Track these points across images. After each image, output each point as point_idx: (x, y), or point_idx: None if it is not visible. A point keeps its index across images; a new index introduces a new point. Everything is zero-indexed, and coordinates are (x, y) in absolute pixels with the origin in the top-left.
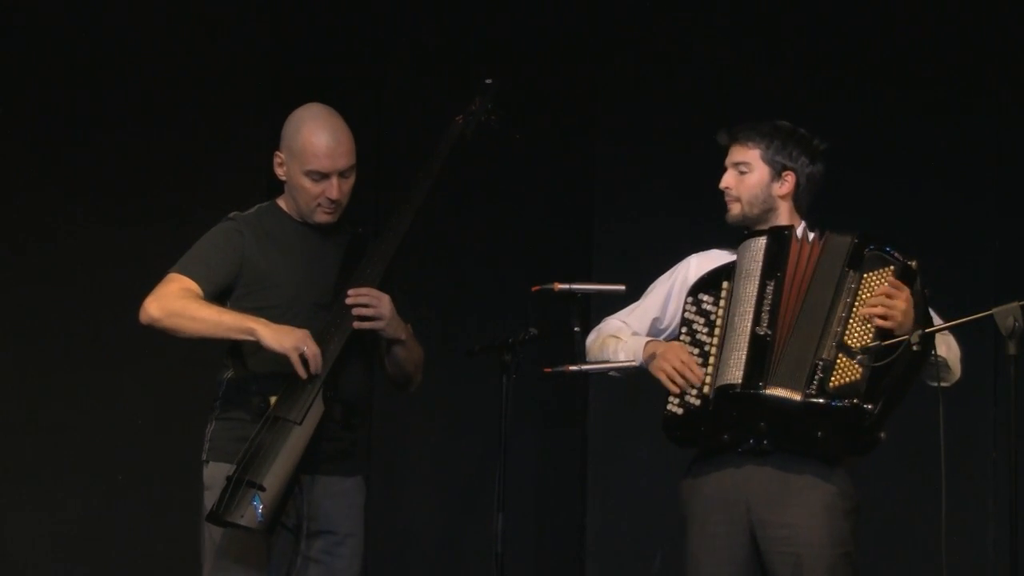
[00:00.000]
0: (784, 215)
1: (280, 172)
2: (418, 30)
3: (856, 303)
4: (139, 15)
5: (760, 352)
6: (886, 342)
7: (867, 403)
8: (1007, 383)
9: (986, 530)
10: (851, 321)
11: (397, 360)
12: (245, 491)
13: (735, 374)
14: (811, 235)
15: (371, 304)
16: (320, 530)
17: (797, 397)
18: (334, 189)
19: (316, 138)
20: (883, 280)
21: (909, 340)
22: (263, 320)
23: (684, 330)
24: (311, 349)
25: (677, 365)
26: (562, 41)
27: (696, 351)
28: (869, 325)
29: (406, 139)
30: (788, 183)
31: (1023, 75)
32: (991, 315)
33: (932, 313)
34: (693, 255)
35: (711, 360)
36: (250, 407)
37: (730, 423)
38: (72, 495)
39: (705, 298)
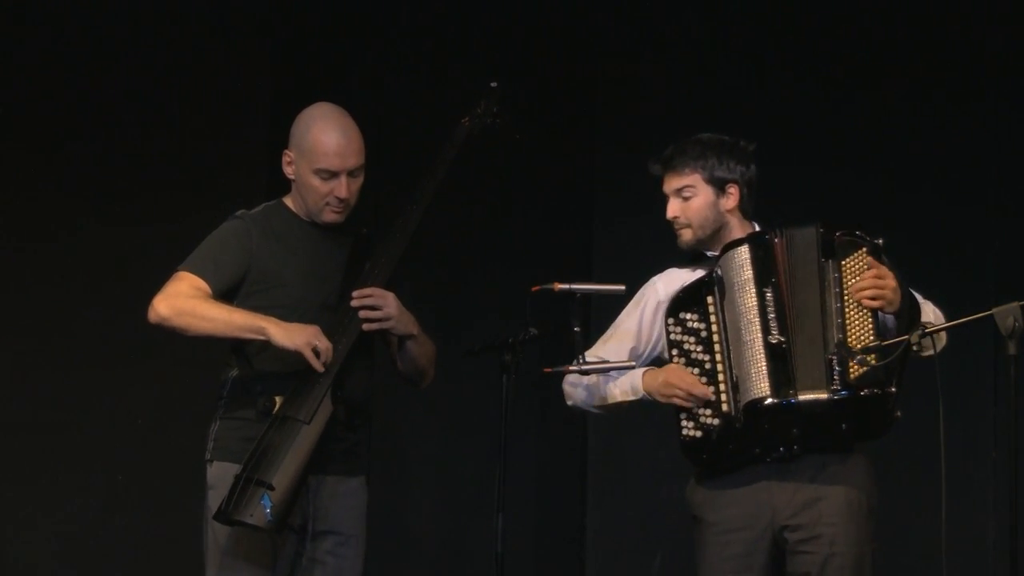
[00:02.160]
0: (736, 227)
1: (289, 171)
2: (418, 30)
3: (845, 291)
4: (140, 15)
5: (780, 361)
6: (887, 342)
7: (890, 386)
8: (1007, 383)
9: (986, 530)
10: (847, 310)
11: (410, 356)
12: (254, 490)
13: (761, 387)
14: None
15: (377, 305)
16: (325, 530)
17: (824, 396)
18: (343, 188)
19: (326, 137)
20: (860, 262)
21: (909, 340)
22: (273, 319)
23: (675, 352)
24: (323, 344)
25: (684, 386)
26: (562, 41)
27: (696, 371)
28: (866, 310)
29: (406, 139)
30: (733, 196)
31: (1023, 75)
32: (991, 315)
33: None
34: (656, 277)
35: (720, 377)
36: (255, 406)
37: (761, 436)
38: (72, 495)
39: (689, 316)
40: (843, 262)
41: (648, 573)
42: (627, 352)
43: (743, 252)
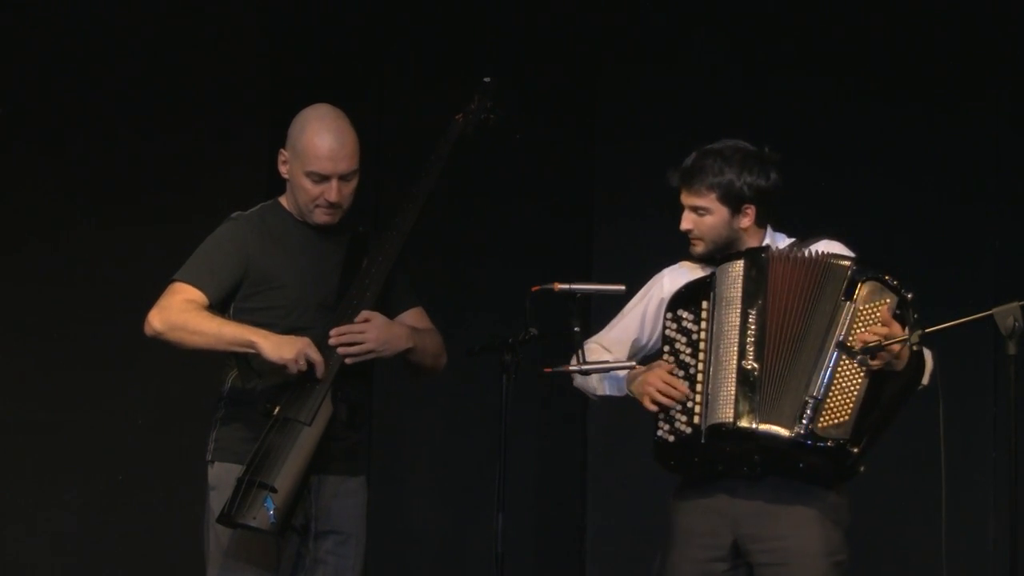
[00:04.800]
0: (749, 239)
1: (283, 170)
2: (418, 30)
3: (850, 337)
4: (139, 15)
5: (749, 388)
6: (887, 342)
7: (852, 445)
8: (1007, 383)
9: (986, 530)
10: (843, 358)
11: (411, 362)
12: (257, 493)
13: (726, 412)
14: (785, 244)
15: (356, 341)
16: (326, 530)
17: (786, 433)
18: (333, 192)
19: (319, 139)
20: (878, 311)
21: (909, 340)
22: (263, 331)
23: (667, 348)
24: (314, 357)
25: (660, 386)
26: (562, 41)
27: (681, 373)
28: (863, 367)
29: (406, 139)
30: (749, 216)
31: (1023, 75)
32: (991, 315)
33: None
34: (665, 270)
35: (699, 388)
36: (255, 408)
37: (723, 456)
38: (72, 495)
39: (685, 315)
40: (861, 307)
41: (648, 573)
42: (628, 343)
43: (737, 267)
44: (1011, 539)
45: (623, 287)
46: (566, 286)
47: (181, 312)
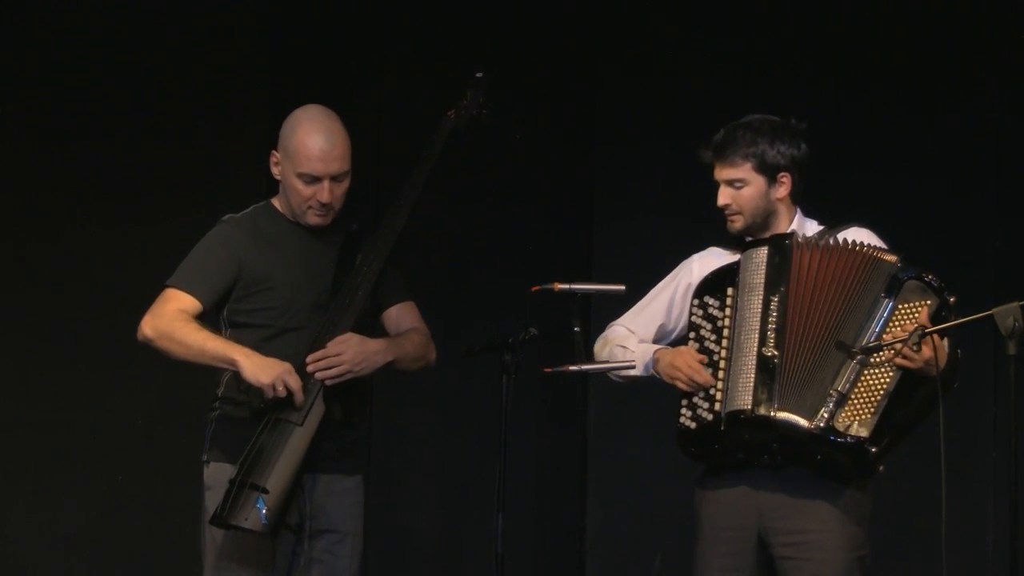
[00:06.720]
0: (783, 215)
1: (275, 171)
2: (417, 30)
3: (885, 333)
4: (139, 15)
5: (768, 375)
6: (886, 343)
7: (871, 444)
8: (1007, 383)
9: (986, 530)
10: (873, 357)
11: (398, 368)
12: (248, 494)
13: (744, 399)
14: (814, 231)
15: (332, 364)
16: (322, 529)
17: (805, 424)
18: (325, 192)
19: (310, 140)
20: (917, 312)
21: (909, 340)
22: (246, 350)
23: (692, 335)
24: (292, 385)
25: (687, 371)
26: (562, 41)
27: (705, 359)
28: (893, 366)
29: (406, 139)
30: (785, 184)
31: (1023, 75)
32: (991, 315)
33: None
34: (695, 256)
35: (720, 375)
36: (250, 407)
37: (743, 444)
38: (72, 495)
39: (711, 302)
40: (900, 306)
41: (648, 573)
42: (654, 328)
43: (761, 254)
44: (1011, 539)
45: (623, 287)
46: (566, 286)
47: (172, 321)
